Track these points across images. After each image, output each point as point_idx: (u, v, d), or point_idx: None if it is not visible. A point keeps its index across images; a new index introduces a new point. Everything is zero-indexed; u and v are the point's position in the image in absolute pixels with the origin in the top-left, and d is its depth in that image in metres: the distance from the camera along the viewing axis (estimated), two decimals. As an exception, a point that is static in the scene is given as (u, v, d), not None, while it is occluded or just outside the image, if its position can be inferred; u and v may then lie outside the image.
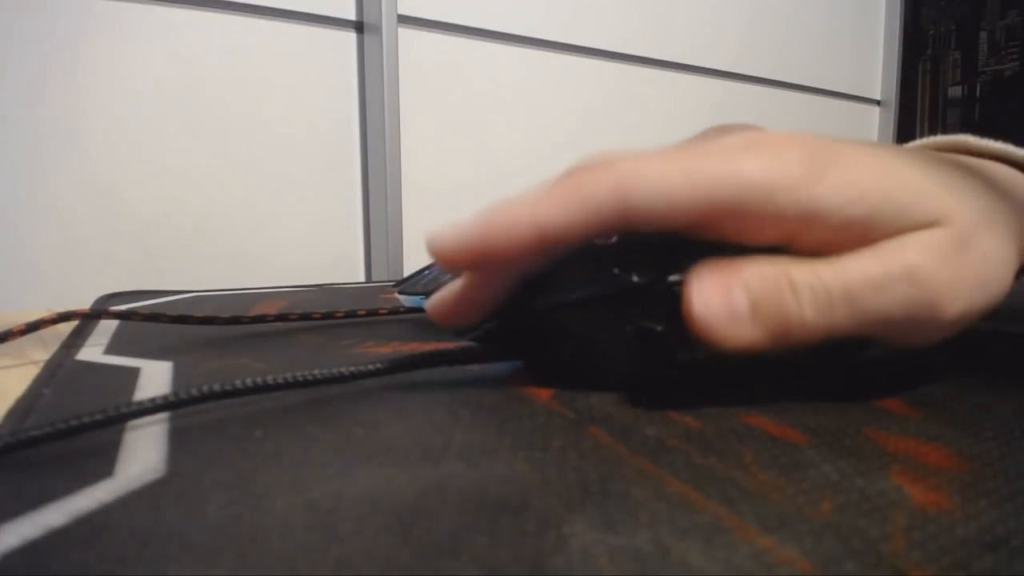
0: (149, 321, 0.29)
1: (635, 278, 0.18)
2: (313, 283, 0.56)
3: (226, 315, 0.30)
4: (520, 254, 0.18)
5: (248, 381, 0.17)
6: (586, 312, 0.19)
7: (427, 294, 0.29)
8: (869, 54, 1.14)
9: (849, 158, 0.17)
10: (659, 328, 0.18)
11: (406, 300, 0.33)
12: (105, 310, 0.30)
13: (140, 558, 0.10)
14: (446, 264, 0.18)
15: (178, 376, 0.22)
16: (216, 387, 0.17)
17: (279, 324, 0.32)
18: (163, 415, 0.17)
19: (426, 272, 0.34)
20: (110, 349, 0.26)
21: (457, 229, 0.18)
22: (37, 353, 0.27)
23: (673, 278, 0.18)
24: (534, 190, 0.18)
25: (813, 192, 0.17)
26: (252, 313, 0.32)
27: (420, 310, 0.31)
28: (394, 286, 0.34)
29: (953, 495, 0.12)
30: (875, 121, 1.15)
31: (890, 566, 0.10)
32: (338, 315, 0.33)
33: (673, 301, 0.18)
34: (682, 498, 0.12)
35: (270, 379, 0.18)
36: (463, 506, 0.12)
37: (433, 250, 0.18)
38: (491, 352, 0.21)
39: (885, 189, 0.17)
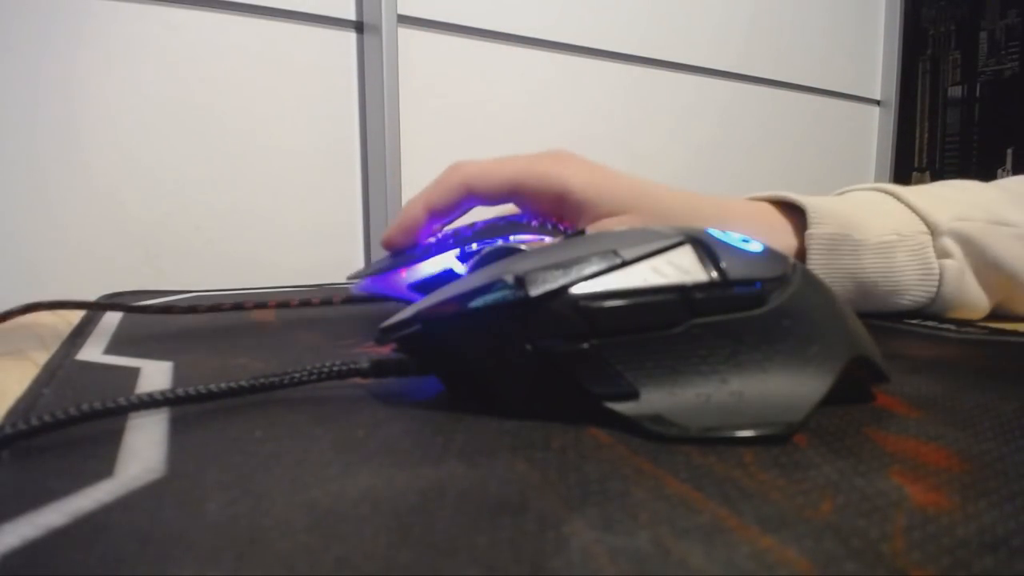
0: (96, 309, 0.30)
1: (530, 291, 0.16)
2: (313, 283, 0.56)
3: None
4: (422, 223, 0.32)
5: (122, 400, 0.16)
6: (474, 326, 0.17)
7: (371, 275, 0.33)
8: (869, 54, 1.14)
9: (596, 171, 0.32)
10: (562, 349, 0.16)
11: (356, 288, 0.34)
12: (77, 301, 0.31)
13: (140, 558, 0.10)
14: (391, 246, 0.33)
15: (178, 376, 0.22)
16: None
17: (279, 324, 0.32)
18: (163, 414, 0.17)
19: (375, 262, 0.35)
20: (110, 349, 0.26)
21: (390, 226, 0.32)
22: (37, 353, 0.27)
23: (578, 291, 0.16)
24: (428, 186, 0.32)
25: (568, 182, 0.31)
26: (253, 316, 0.32)
27: (370, 299, 0.34)
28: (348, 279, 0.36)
29: (953, 495, 0.12)
30: (875, 121, 1.15)
31: (890, 566, 0.10)
32: (293, 303, 0.35)
33: (582, 320, 0.16)
34: (682, 498, 0.12)
35: (158, 395, 0.16)
36: (463, 506, 0.12)
37: (382, 242, 0.33)
38: (403, 366, 0.19)
39: (606, 189, 0.31)
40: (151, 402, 0.16)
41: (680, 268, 0.17)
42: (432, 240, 0.33)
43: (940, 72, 1.09)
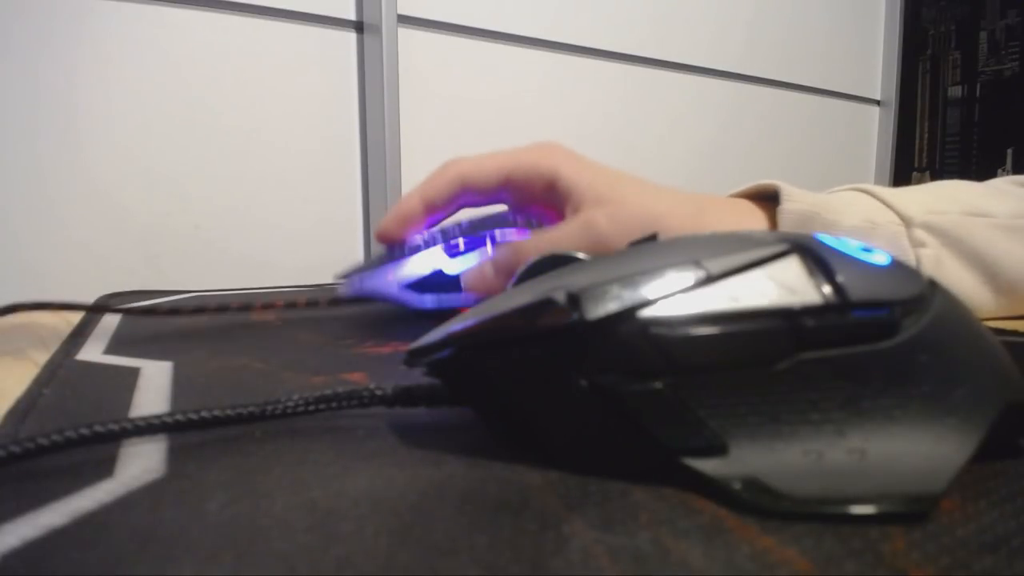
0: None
1: (587, 313, 0.13)
2: (313, 283, 0.56)
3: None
4: (418, 214, 0.32)
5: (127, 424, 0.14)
6: (514, 354, 0.14)
7: (358, 273, 0.33)
8: (869, 54, 1.14)
9: (582, 161, 0.33)
10: (627, 387, 0.13)
11: (344, 289, 0.34)
12: (90, 304, 0.30)
13: (140, 558, 0.10)
14: (387, 236, 0.33)
15: (178, 376, 0.22)
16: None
17: (279, 324, 0.32)
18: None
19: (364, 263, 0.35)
20: (110, 349, 0.26)
21: (385, 217, 0.33)
22: (37, 353, 0.27)
23: (650, 314, 0.13)
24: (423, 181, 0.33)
25: (557, 168, 0.31)
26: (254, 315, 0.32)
27: (358, 300, 0.34)
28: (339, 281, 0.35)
29: (953, 495, 0.12)
30: (875, 121, 1.15)
31: (890, 566, 0.10)
32: (278, 304, 0.35)
33: (654, 352, 0.13)
34: (682, 498, 0.12)
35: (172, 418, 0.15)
36: (463, 506, 0.12)
37: (377, 233, 0.33)
38: (433, 395, 0.16)
39: (591, 176, 0.31)
40: (185, 422, 0.15)
41: (784, 286, 0.13)
42: (420, 238, 0.33)
43: (940, 72, 1.09)
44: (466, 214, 0.35)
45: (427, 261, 0.32)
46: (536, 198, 0.33)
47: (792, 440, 0.13)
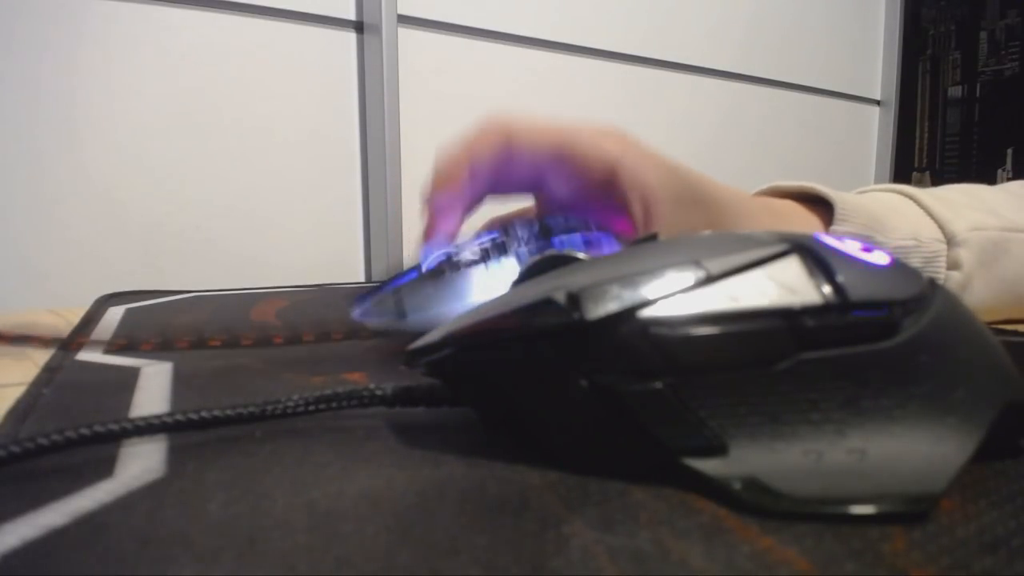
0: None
1: (587, 314, 0.13)
2: (313, 283, 0.56)
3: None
4: (466, 180, 0.28)
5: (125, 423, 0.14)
6: (515, 354, 0.14)
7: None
8: (869, 54, 1.14)
9: (647, 152, 0.30)
10: (627, 387, 0.13)
11: (360, 313, 0.26)
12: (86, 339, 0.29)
13: (140, 558, 0.10)
14: (437, 208, 0.28)
15: (178, 376, 0.22)
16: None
17: (280, 325, 0.32)
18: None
19: (381, 289, 0.27)
20: (110, 349, 0.26)
21: (431, 182, 0.29)
22: (37, 353, 0.27)
23: (649, 314, 0.13)
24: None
25: (622, 158, 0.28)
26: (252, 315, 0.32)
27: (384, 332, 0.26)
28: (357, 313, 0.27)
29: (953, 495, 0.12)
30: (875, 121, 1.15)
31: (890, 566, 0.10)
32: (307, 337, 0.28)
33: (653, 352, 0.13)
34: (682, 498, 0.12)
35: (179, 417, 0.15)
36: (463, 506, 0.12)
37: (427, 200, 0.29)
38: (434, 395, 0.17)
39: (662, 175, 0.29)
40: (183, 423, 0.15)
41: (784, 286, 0.13)
42: (472, 252, 0.25)
43: (940, 72, 1.09)
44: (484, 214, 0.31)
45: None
46: (588, 184, 0.29)
47: (792, 440, 0.13)
